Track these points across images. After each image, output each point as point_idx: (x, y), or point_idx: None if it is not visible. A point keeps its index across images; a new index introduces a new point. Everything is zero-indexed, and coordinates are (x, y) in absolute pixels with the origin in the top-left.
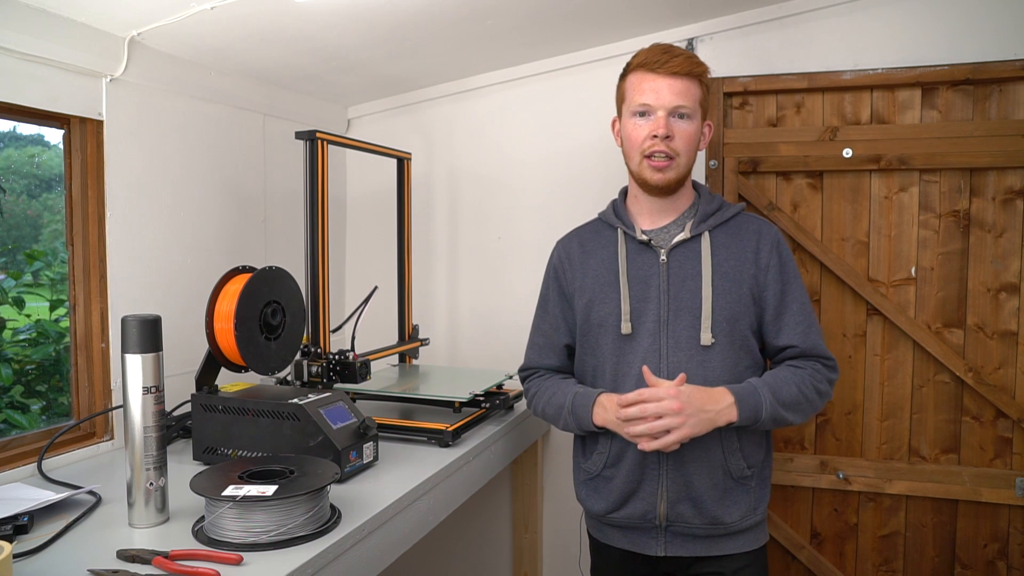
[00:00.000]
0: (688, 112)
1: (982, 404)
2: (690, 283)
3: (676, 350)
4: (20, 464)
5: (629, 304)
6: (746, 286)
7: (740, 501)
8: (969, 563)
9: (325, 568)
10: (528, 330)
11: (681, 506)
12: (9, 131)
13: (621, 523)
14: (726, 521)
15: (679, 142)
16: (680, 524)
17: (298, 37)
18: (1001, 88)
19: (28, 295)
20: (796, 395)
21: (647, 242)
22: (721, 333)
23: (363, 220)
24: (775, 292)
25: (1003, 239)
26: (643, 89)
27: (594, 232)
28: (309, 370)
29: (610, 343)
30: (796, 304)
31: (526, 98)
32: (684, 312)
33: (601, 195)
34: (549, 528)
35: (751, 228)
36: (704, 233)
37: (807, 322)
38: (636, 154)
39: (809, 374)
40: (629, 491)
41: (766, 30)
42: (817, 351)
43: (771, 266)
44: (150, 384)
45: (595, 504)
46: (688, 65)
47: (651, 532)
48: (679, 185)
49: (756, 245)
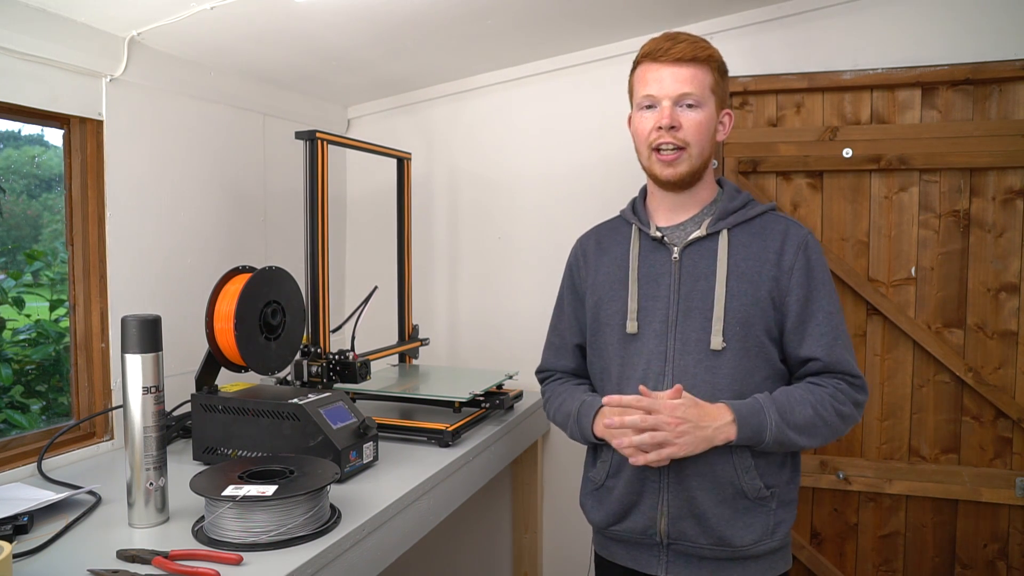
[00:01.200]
0: (696, 100)
1: (982, 404)
2: (703, 283)
3: (683, 353)
4: (20, 464)
5: (637, 302)
6: (764, 289)
7: (755, 523)
8: (969, 563)
9: (325, 568)
10: (528, 330)
11: (684, 523)
12: (9, 131)
13: (622, 537)
14: (736, 544)
15: (688, 132)
16: (683, 543)
17: (298, 37)
18: (1001, 88)
19: (28, 295)
20: (810, 417)
21: (660, 239)
22: (734, 337)
23: (363, 220)
24: (799, 297)
25: (1003, 239)
26: (647, 80)
27: (612, 229)
28: (309, 370)
29: (616, 344)
30: (822, 313)
31: (526, 98)
32: (695, 313)
33: (601, 195)
34: (549, 528)
35: (777, 228)
36: (723, 231)
37: (833, 333)
38: (645, 148)
39: (830, 393)
40: (629, 503)
41: (766, 30)
42: (843, 367)
43: (796, 269)
44: (150, 384)
45: (596, 515)
46: (692, 50)
47: (652, 549)
48: (694, 178)
49: (780, 246)
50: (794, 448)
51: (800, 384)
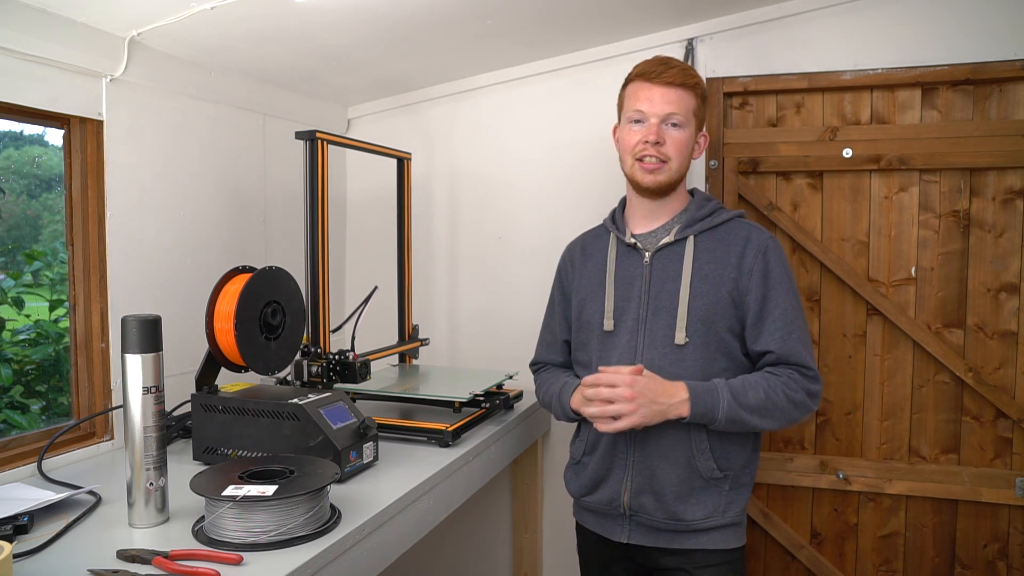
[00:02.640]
0: (680, 121)
1: (982, 404)
2: (670, 285)
3: (651, 347)
4: (20, 464)
5: (613, 303)
6: (725, 289)
7: (706, 501)
8: (969, 563)
9: (325, 568)
10: (528, 330)
11: (643, 497)
12: (10, 131)
13: (593, 507)
14: (686, 519)
15: (670, 148)
16: (642, 515)
17: (298, 37)
18: (1001, 88)
19: (27, 295)
20: (762, 400)
21: (634, 245)
22: (696, 333)
23: (363, 220)
24: (756, 297)
25: (1003, 239)
26: (639, 97)
27: (595, 236)
28: (309, 370)
29: (596, 340)
30: (778, 310)
31: (526, 98)
32: (662, 312)
33: (601, 195)
34: (549, 528)
35: (740, 234)
36: (689, 237)
37: (787, 328)
38: (629, 157)
39: (783, 381)
40: (600, 477)
41: (766, 30)
42: (795, 359)
43: (755, 271)
44: (150, 384)
45: (573, 486)
46: (682, 77)
47: (617, 519)
48: (670, 188)
49: (742, 250)
50: (747, 428)
51: (757, 372)
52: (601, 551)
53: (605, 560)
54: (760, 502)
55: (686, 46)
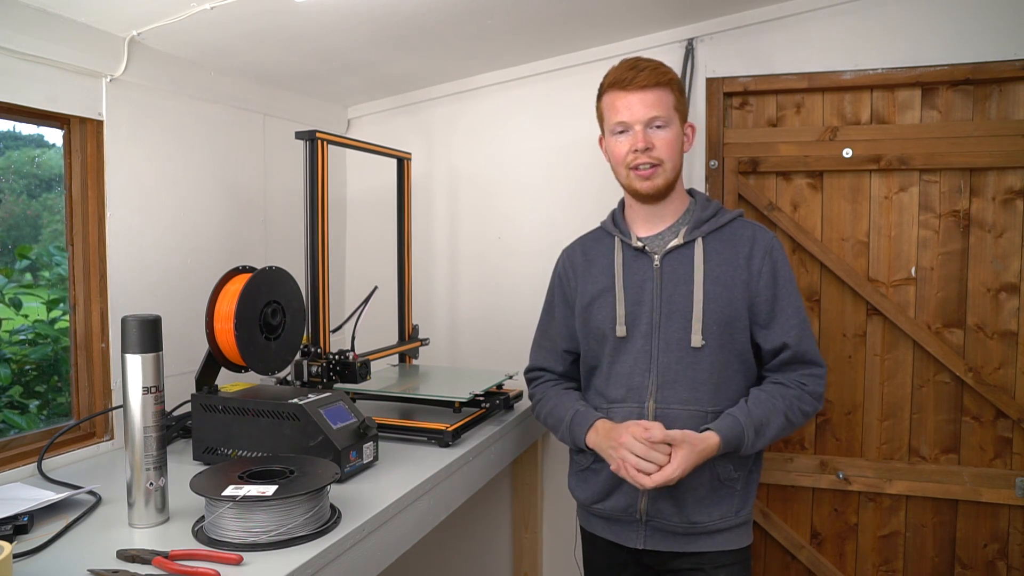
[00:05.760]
0: (663, 121)
1: (982, 404)
2: (682, 287)
3: (666, 352)
4: (20, 464)
5: (624, 308)
6: (738, 291)
7: (721, 503)
8: (969, 563)
9: (325, 568)
10: (529, 329)
11: (661, 503)
12: (9, 131)
13: (605, 514)
14: (702, 521)
15: (660, 150)
16: (659, 520)
17: (298, 37)
18: (1001, 88)
19: (25, 295)
20: (782, 425)
21: (641, 249)
22: (711, 336)
23: (363, 220)
24: (767, 298)
25: (1003, 239)
26: (617, 108)
27: (595, 240)
28: (309, 370)
29: (608, 346)
30: (791, 308)
31: (526, 98)
32: (676, 315)
33: (601, 195)
34: (549, 528)
35: (745, 234)
36: (698, 239)
37: (801, 325)
38: (622, 168)
39: (796, 395)
40: (614, 484)
41: (766, 30)
42: (809, 356)
43: (763, 273)
44: (150, 384)
45: (582, 493)
46: (655, 76)
47: (632, 525)
48: (668, 189)
49: (749, 251)
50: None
51: (770, 388)
52: (612, 557)
53: (615, 566)
54: (760, 502)
55: (686, 46)
